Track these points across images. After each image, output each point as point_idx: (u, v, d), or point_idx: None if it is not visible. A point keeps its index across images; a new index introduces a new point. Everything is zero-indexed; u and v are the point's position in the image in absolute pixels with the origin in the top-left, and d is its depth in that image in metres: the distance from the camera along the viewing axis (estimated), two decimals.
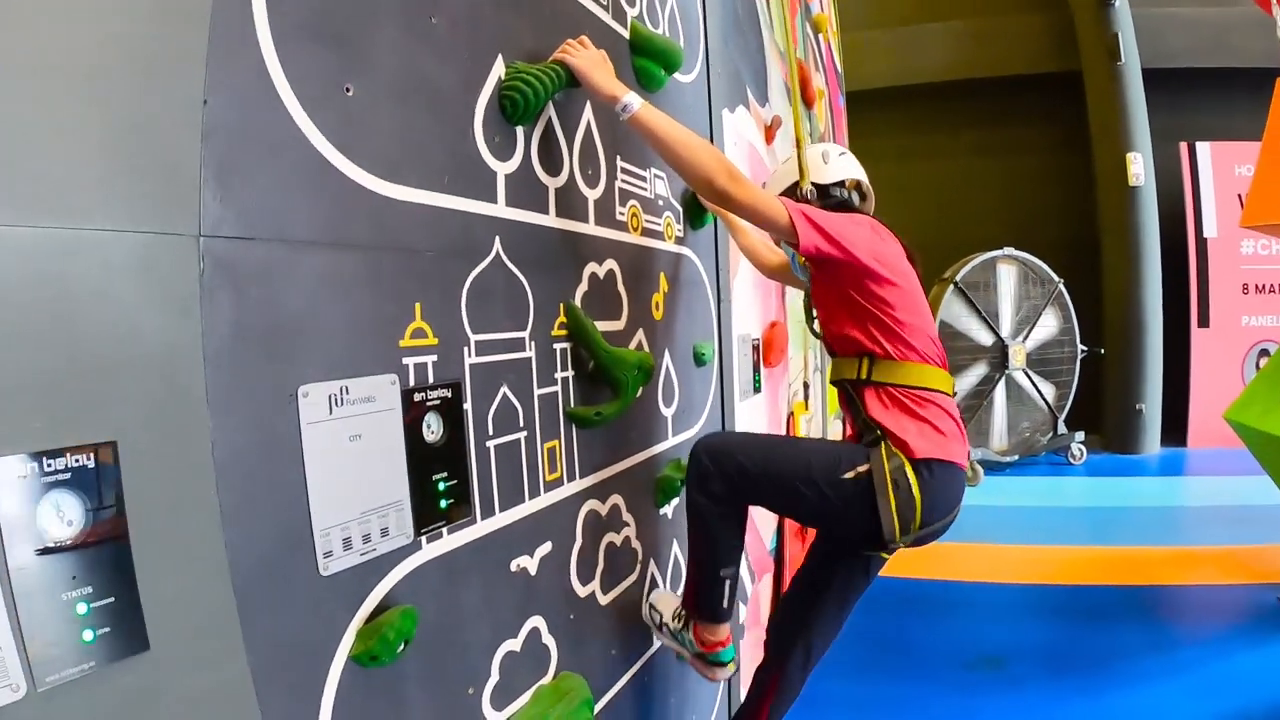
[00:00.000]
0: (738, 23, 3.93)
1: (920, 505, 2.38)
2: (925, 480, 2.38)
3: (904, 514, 2.37)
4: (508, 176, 1.94)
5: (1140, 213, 9.52)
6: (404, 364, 1.58)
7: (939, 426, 2.44)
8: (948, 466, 2.42)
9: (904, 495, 2.37)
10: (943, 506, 2.44)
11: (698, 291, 3.16)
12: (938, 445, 2.42)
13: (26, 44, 1.01)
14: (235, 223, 1.24)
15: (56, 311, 1.02)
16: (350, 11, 1.51)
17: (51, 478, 1.01)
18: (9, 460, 0.97)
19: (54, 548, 1.02)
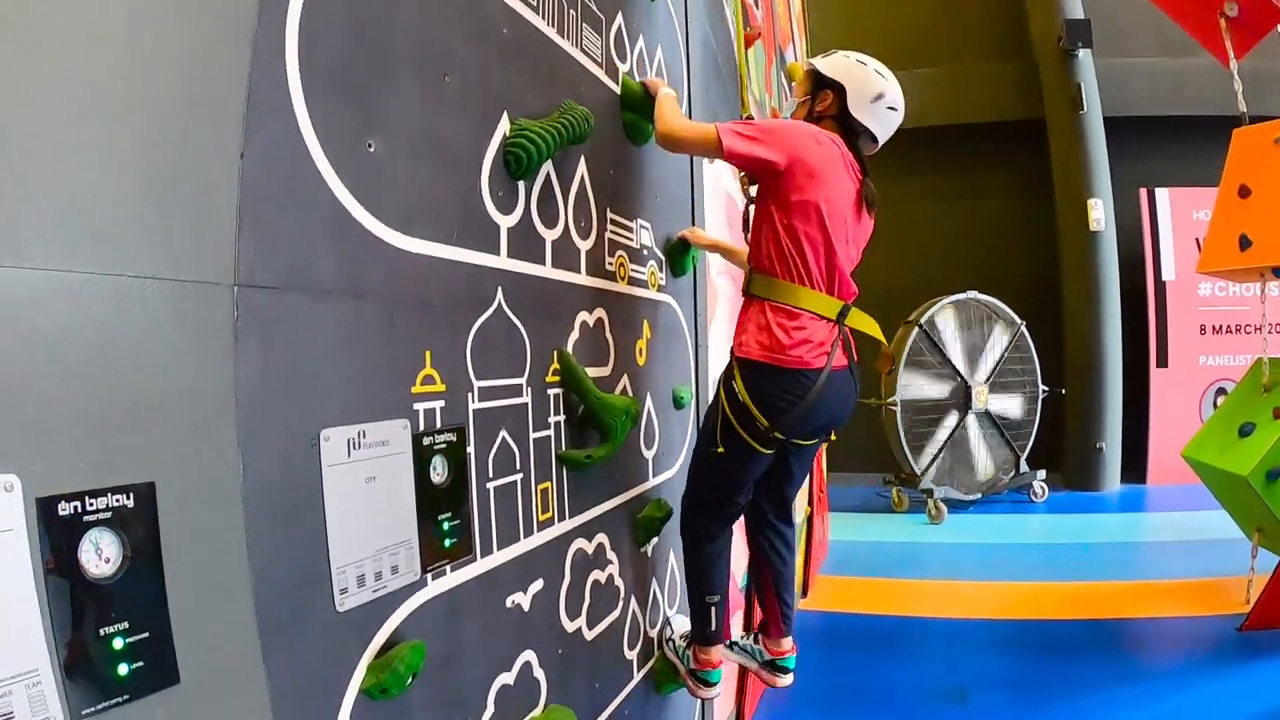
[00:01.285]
0: (718, 73, 4.05)
1: (751, 403, 2.64)
2: (754, 384, 2.65)
3: (745, 423, 2.66)
4: (510, 229, 2.03)
5: (1101, 257, 9.73)
6: (415, 409, 1.66)
7: (777, 335, 2.64)
8: (782, 371, 2.63)
9: (737, 402, 2.66)
10: (781, 409, 2.64)
11: (677, 337, 3.26)
12: (769, 349, 2.64)
13: (79, 98, 1.06)
14: (266, 273, 1.30)
15: (101, 355, 1.06)
16: (374, 71, 1.59)
17: (93, 516, 1.04)
18: (55, 499, 1.00)
19: (93, 583, 1.04)
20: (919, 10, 11.45)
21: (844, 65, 2.92)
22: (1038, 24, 10.32)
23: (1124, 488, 9.88)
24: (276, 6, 1.36)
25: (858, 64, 2.93)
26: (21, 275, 0.97)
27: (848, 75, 2.90)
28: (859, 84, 2.89)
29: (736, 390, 2.66)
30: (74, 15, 1.05)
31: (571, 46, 2.45)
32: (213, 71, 1.24)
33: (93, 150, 1.07)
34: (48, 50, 1.02)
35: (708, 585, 2.91)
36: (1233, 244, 5.41)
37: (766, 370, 2.63)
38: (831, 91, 2.89)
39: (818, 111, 2.90)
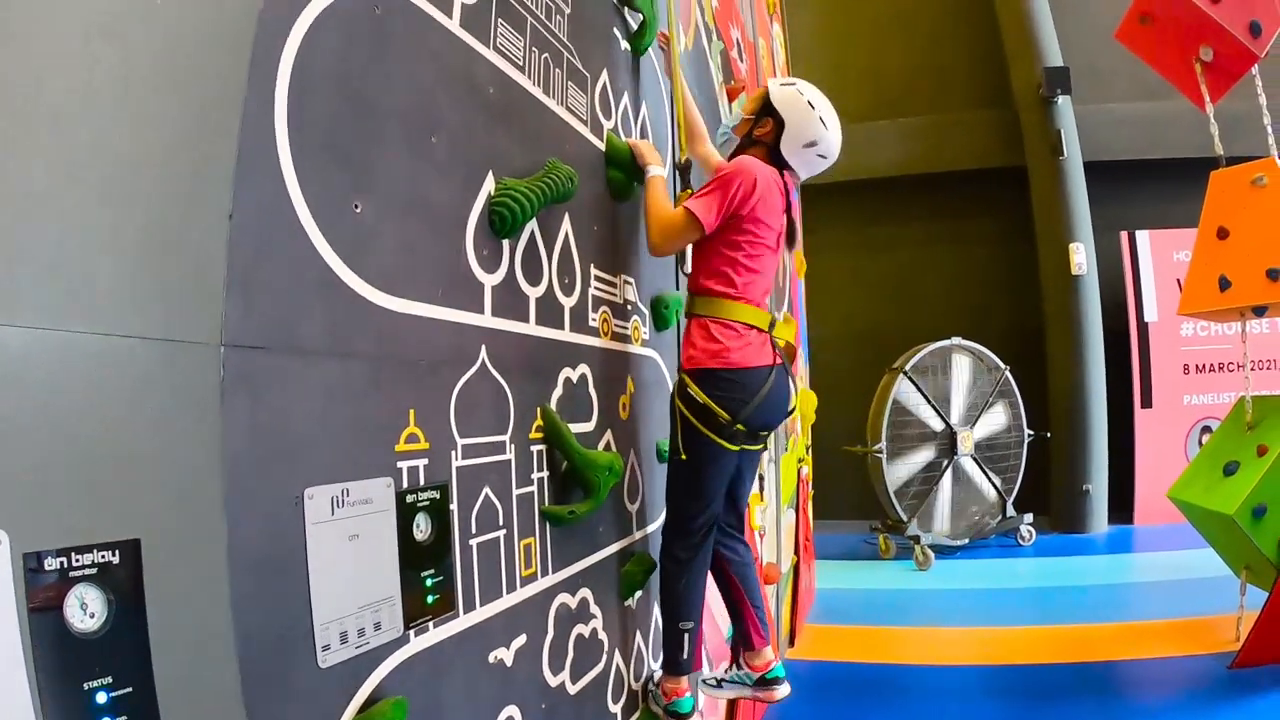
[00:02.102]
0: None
1: (716, 406, 2.83)
2: (708, 386, 2.85)
3: (707, 420, 2.85)
4: (494, 287, 2.06)
5: (1083, 300, 9.81)
6: (398, 467, 1.67)
7: (721, 341, 2.88)
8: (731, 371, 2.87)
9: (696, 405, 2.85)
10: (736, 401, 2.86)
11: (661, 391, 3.29)
12: (717, 356, 2.86)
13: (70, 158, 1.07)
14: (253, 333, 1.32)
15: (89, 412, 1.07)
16: (362, 132, 1.62)
17: (79, 572, 1.04)
18: (42, 555, 1.01)
19: (78, 638, 1.05)
20: (902, 61, 11.62)
21: (792, 101, 3.10)
22: (1018, 72, 10.48)
23: (1111, 529, 9.88)
24: (267, 68, 1.39)
25: (807, 106, 3.10)
26: (11, 333, 0.98)
27: (792, 112, 3.09)
28: (798, 126, 3.08)
29: (693, 394, 2.85)
30: (66, 76, 1.08)
31: (557, 105, 2.50)
32: (203, 133, 1.27)
33: (84, 210, 1.09)
34: (40, 111, 1.04)
35: (681, 611, 2.97)
36: (1213, 285, 5.47)
37: (718, 373, 2.86)
38: (773, 121, 3.09)
39: (756, 135, 3.13)
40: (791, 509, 6.33)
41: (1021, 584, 7.85)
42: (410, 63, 1.79)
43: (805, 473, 7.02)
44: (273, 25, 1.42)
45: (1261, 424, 5.38)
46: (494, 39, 2.15)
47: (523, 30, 2.31)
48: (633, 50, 3.18)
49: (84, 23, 1.11)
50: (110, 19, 1.14)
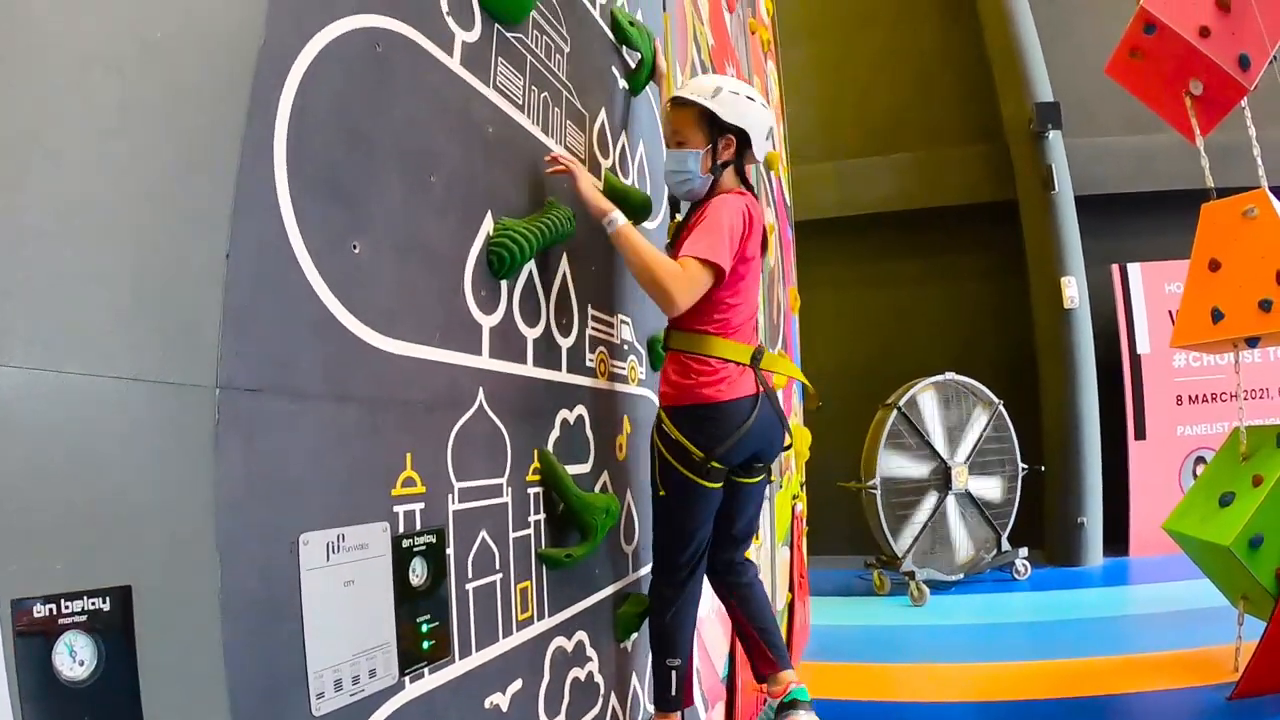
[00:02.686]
0: None
1: (689, 444, 2.76)
2: (682, 423, 2.78)
3: (681, 457, 2.78)
4: (492, 329, 2.05)
5: (1075, 333, 9.81)
6: (395, 512, 1.65)
7: (696, 378, 2.78)
8: (704, 406, 2.78)
9: (669, 442, 2.79)
10: (713, 437, 2.78)
11: None
12: (690, 393, 2.78)
13: (66, 197, 1.07)
14: (249, 375, 1.31)
15: (81, 455, 1.06)
16: (361, 172, 1.61)
17: (69, 619, 1.02)
18: (30, 601, 0.99)
19: (67, 687, 1.02)
20: (892, 97, 11.68)
21: (741, 107, 2.89)
22: (1008, 107, 10.53)
23: (1107, 561, 9.80)
24: (267, 105, 1.39)
25: (748, 101, 2.92)
26: (4, 373, 0.97)
27: (748, 119, 2.89)
28: (758, 126, 2.92)
29: (668, 431, 2.79)
30: (63, 111, 1.07)
31: (556, 144, 2.50)
32: (201, 170, 1.26)
33: (78, 247, 1.08)
34: (37, 148, 1.03)
35: (670, 648, 2.91)
36: (1205, 317, 5.47)
37: (693, 409, 2.78)
38: (734, 138, 2.89)
39: (721, 161, 2.89)
40: (786, 546, 6.30)
41: (1017, 618, 7.78)
42: (410, 101, 1.79)
43: (799, 509, 6.99)
44: (273, 62, 1.41)
45: (1256, 454, 5.37)
46: (494, 78, 2.15)
47: (522, 69, 2.31)
48: (630, 89, 3.19)
49: (82, 57, 1.10)
50: (109, 53, 1.14)
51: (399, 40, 1.77)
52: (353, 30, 1.63)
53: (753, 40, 6.62)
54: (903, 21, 11.87)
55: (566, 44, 2.62)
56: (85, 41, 1.11)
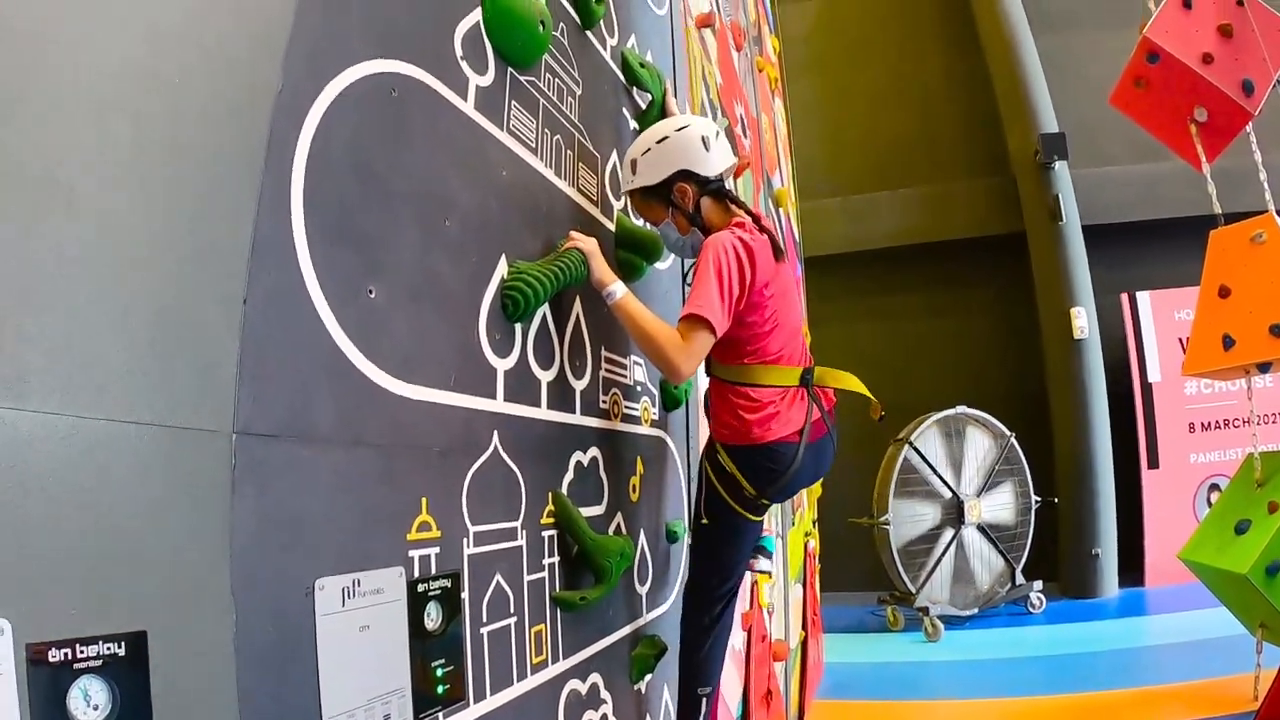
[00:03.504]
0: None
1: (744, 480, 2.77)
2: (740, 461, 2.78)
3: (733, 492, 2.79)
4: (506, 372, 2.05)
5: (1086, 364, 9.78)
6: (410, 556, 1.65)
7: (747, 419, 2.77)
8: (761, 448, 2.77)
9: (724, 476, 2.80)
10: (766, 478, 2.78)
11: (670, 471, 3.28)
12: (744, 434, 2.77)
13: (84, 242, 1.07)
14: (265, 421, 1.31)
15: (97, 501, 1.05)
16: (377, 215, 1.62)
17: (83, 664, 1.02)
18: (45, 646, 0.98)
19: None
20: (898, 131, 11.74)
21: (656, 160, 2.77)
22: (1014, 139, 10.57)
23: (1123, 592, 9.72)
24: (284, 150, 1.40)
25: (659, 144, 2.78)
26: (20, 417, 0.97)
27: (674, 161, 2.76)
28: (685, 151, 2.77)
29: (723, 464, 2.79)
30: (80, 154, 1.08)
31: (568, 186, 2.51)
32: (219, 214, 1.27)
33: (94, 292, 1.08)
34: (52, 189, 1.04)
35: (701, 677, 2.92)
36: (1216, 344, 5.45)
37: (746, 450, 2.78)
38: (680, 181, 2.77)
39: (690, 209, 2.79)
40: (799, 583, 6.27)
41: (1033, 652, 7.70)
42: (425, 145, 1.80)
43: (812, 546, 6.96)
44: (290, 107, 1.43)
45: (1271, 480, 5.33)
46: (507, 121, 2.16)
47: (535, 112, 2.33)
48: (641, 129, 3.20)
49: (99, 99, 1.11)
50: (126, 96, 1.15)
51: (414, 85, 1.79)
52: (368, 75, 1.64)
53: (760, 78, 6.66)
54: (907, 56, 11.97)
55: (578, 86, 2.64)
56: (103, 85, 1.12)
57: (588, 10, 2.71)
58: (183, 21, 1.25)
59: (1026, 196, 10.39)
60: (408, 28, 1.79)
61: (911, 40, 12.01)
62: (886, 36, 12.14)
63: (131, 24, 1.17)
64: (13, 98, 1.00)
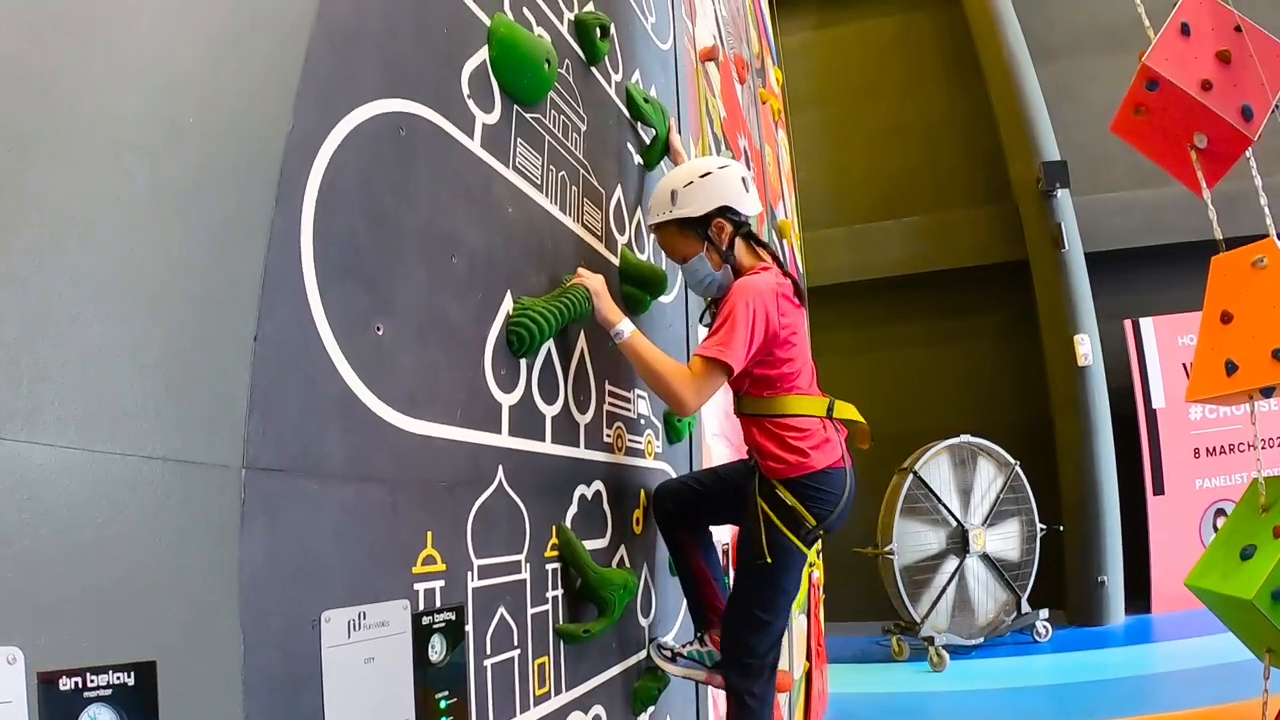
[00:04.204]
0: None
1: (805, 513, 2.77)
2: (800, 493, 2.78)
3: (795, 527, 2.78)
4: (511, 407, 2.08)
5: (1090, 391, 9.78)
6: (415, 589, 1.67)
7: (799, 447, 2.78)
8: (816, 475, 2.79)
9: (785, 511, 2.78)
10: (827, 504, 2.80)
11: None
12: (800, 464, 2.78)
13: (98, 278, 1.09)
14: (274, 456, 1.33)
15: (108, 533, 1.07)
16: (385, 253, 1.65)
17: (94, 693, 1.03)
18: (56, 674, 0.99)
19: None
20: (901, 161, 11.81)
21: (698, 193, 2.81)
22: (1016, 168, 10.62)
23: (1129, 619, 9.65)
24: (295, 189, 1.42)
25: (702, 178, 2.82)
26: (34, 451, 0.99)
27: (715, 196, 2.80)
28: (731, 191, 2.83)
29: (783, 498, 2.78)
30: (95, 192, 1.10)
31: (573, 222, 2.54)
32: (231, 252, 1.29)
33: (108, 327, 1.11)
34: (68, 226, 1.06)
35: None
36: (1219, 370, 5.42)
37: (802, 481, 2.78)
38: (719, 218, 2.81)
39: (725, 245, 2.83)
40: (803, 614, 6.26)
41: (1040, 681, 7.65)
42: (433, 183, 1.83)
43: (816, 577, 6.95)
44: (301, 146, 1.45)
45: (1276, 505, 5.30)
46: (513, 158, 2.19)
47: (541, 149, 2.36)
48: (645, 164, 3.24)
49: (114, 139, 1.14)
50: (141, 136, 1.18)
51: (422, 124, 1.82)
52: (377, 115, 1.67)
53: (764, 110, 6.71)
54: (910, 87, 12.05)
55: (583, 122, 2.67)
56: (119, 125, 1.15)
57: (593, 47, 2.75)
58: (197, 62, 1.28)
59: (1029, 224, 10.44)
60: (416, 67, 1.82)
61: (914, 71, 12.11)
62: (889, 67, 12.23)
63: (147, 65, 1.20)
64: (31, 136, 1.03)
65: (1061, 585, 9.90)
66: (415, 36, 1.84)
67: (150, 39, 1.21)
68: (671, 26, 3.94)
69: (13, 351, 0.98)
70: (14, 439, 0.97)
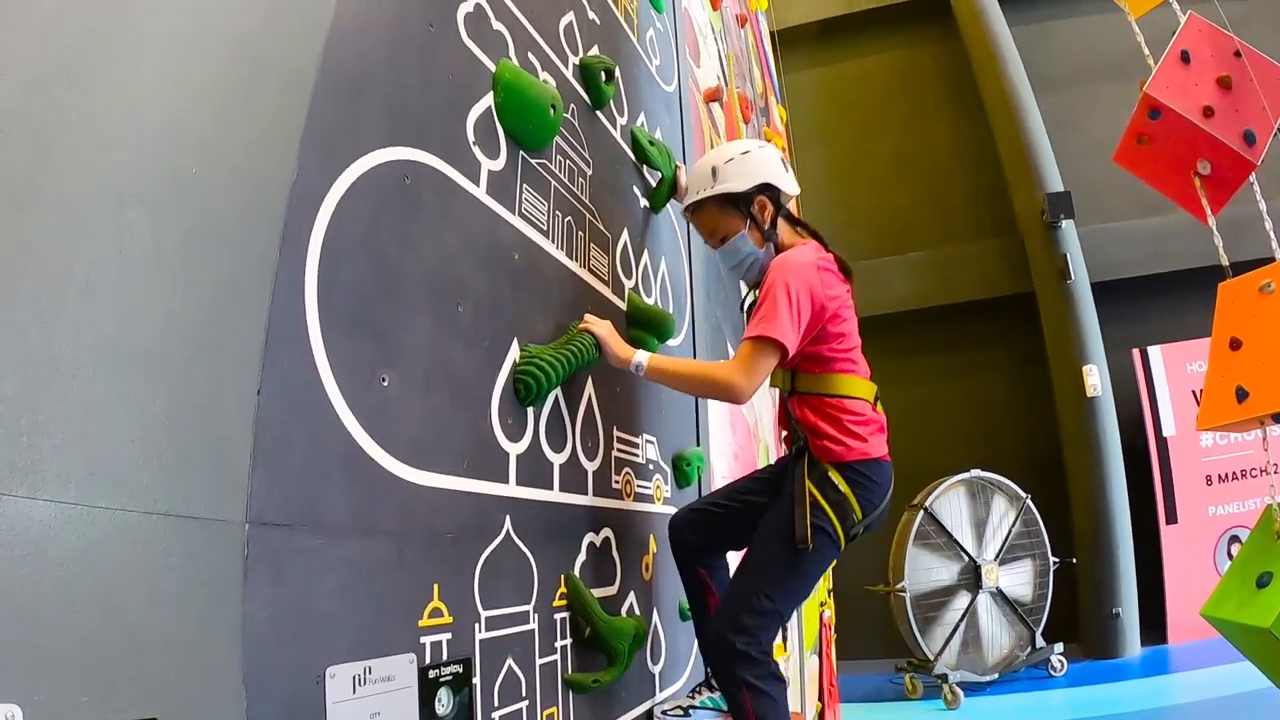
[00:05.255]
0: (719, 279, 4.15)
1: (855, 502, 2.64)
2: (852, 480, 2.66)
3: (842, 515, 2.64)
4: (518, 456, 2.06)
5: (1100, 422, 9.72)
6: (422, 643, 1.65)
7: (857, 431, 2.69)
8: (869, 463, 2.69)
9: (835, 496, 2.64)
10: (874, 498, 2.70)
11: None
12: (857, 449, 2.68)
13: (100, 333, 1.08)
14: (278, 510, 1.31)
15: (110, 589, 1.06)
16: (390, 303, 1.64)
17: None
18: None
19: None
20: (906, 196, 11.85)
21: (739, 168, 2.78)
22: (1021, 200, 10.63)
23: (1145, 651, 9.53)
24: (299, 239, 1.42)
25: (743, 155, 2.81)
26: (34, 507, 0.98)
27: (757, 172, 2.78)
28: (772, 169, 2.80)
29: (835, 482, 2.65)
30: (98, 244, 1.10)
31: (579, 267, 2.54)
32: (234, 304, 1.29)
33: (110, 381, 1.09)
34: (70, 278, 1.06)
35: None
36: (1230, 397, 5.39)
37: (861, 466, 2.68)
38: (761, 196, 2.78)
39: (768, 223, 2.79)
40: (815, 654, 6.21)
41: (1056, 717, 7.54)
42: (438, 232, 1.83)
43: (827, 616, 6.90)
44: (305, 197, 1.45)
45: None
46: (519, 204, 2.19)
47: (546, 195, 2.36)
48: (651, 207, 3.24)
49: (117, 191, 1.13)
50: (144, 187, 1.17)
51: (427, 171, 1.81)
52: (382, 163, 1.67)
53: None
54: (913, 122, 12.10)
55: (589, 166, 2.67)
56: (120, 177, 1.14)
57: (598, 91, 2.75)
58: (200, 113, 1.28)
59: (1034, 256, 10.43)
60: (421, 114, 1.83)
61: (916, 106, 12.17)
62: (892, 103, 12.29)
63: (150, 115, 1.20)
64: (31, 188, 1.02)
65: (1076, 618, 9.82)
66: (420, 83, 1.84)
67: (153, 89, 1.21)
68: (676, 68, 3.96)
69: (13, 406, 0.97)
70: (14, 494, 0.96)
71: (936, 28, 12.32)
